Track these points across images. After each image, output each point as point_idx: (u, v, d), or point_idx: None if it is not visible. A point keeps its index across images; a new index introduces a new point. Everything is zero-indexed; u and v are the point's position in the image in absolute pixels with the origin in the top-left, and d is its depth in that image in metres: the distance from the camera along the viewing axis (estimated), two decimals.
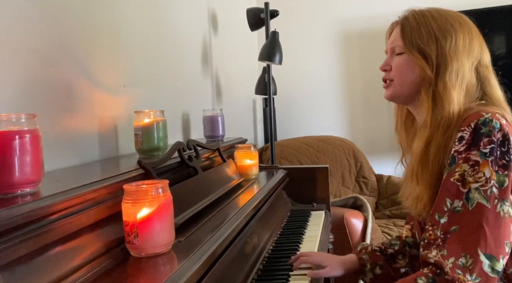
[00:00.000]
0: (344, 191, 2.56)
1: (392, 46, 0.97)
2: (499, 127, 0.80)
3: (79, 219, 0.72)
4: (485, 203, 0.76)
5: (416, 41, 0.91)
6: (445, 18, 0.92)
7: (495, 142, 0.79)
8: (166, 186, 0.78)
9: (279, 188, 1.56)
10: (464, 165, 0.79)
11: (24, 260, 0.60)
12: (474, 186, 0.77)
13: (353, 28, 2.97)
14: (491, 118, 0.81)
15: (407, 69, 0.93)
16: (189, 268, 0.70)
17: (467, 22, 0.94)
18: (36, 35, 1.00)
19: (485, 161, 0.78)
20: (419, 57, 0.90)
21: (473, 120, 0.82)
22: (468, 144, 0.81)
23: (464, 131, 0.82)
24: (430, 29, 0.91)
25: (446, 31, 0.90)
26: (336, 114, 3.04)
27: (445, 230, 0.77)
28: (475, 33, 0.93)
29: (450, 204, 0.78)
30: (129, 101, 1.36)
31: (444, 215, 0.78)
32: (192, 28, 1.93)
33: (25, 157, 0.68)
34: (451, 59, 0.89)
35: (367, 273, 1.06)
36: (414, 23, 0.92)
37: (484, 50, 0.94)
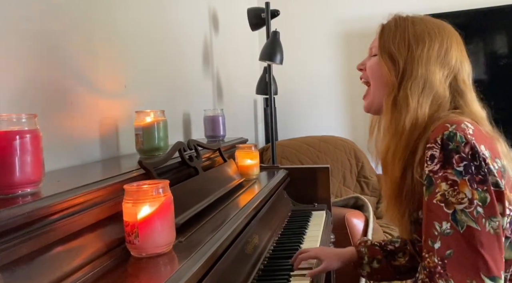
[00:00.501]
0: (345, 191, 2.56)
1: (370, 48, 0.97)
2: (464, 140, 0.77)
3: (80, 219, 0.72)
4: (474, 225, 0.74)
5: (388, 44, 0.89)
6: (424, 25, 0.89)
7: (466, 158, 0.76)
8: (167, 186, 0.78)
9: (280, 188, 1.56)
10: (443, 184, 0.77)
11: (25, 260, 0.60)
12: (458, 207, 0.75)
13: (354, 28, 2.96)
14: (455, 132, 0.77)
15: (377, 71, 0.92)
16: (190, 268, 0.70)
17: (450, 33, 0.91)
18: (37, 35, 1.00)
19: (463, 180, 0.75)
20: (388, 61, 0.89)
21: (438, 135, 0.79)
22: (441, 162, 0.78)
23: (433, 149, 0.79)
24: (406, 33, 0.88)
25: (421, 38, 0.88)
26: (337, 114, 3.04)
27: (441, 256, 0.76)
28: (456, 46, 0.90)
29: (439, 227, 0.76)
30: (130, 101, 1.36)
31: (436, 239, 0.77)
32: (193, 28, 1.93)
33: (26, 157, 0.68)
34: (417, 66, 0.86)
35: (365, 266, 1.06)
36: (393, 26, 0.91)
37: (463, 64, 0.90)
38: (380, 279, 1.08)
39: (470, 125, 0.80)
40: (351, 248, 1.10)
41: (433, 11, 2.67)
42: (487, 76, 2.70)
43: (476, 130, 0.80)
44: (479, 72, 2.72)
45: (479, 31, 2.69)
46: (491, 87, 2.68)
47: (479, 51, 2.73)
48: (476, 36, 2.71)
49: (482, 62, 2.72)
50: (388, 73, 0.88)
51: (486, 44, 2.73)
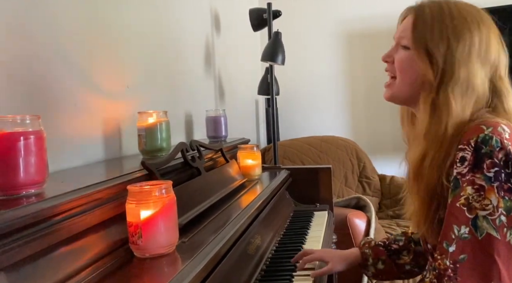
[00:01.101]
0: (347, 191, 2.56)
1: (399, 37, 0.88)
2: (499, 146, 0.73)
3: (83, 220, 0.73)
4: (494, 233, 0.72)
5: (425, 39, 0.82)
6: (463, 18, 0.82)
7: (498, 164, 0.73)
8: (170, 186, 0.78)
9: (282, 188, 1.56)
10: (469, 188, 0.74)
11: (29, 261, 0.60)
12: (481, 213, 0.73)
13: (355, 28, 2.96)
14: (491, 135, 0.74)
15: (410, 67, 0.85)
16: (193, 269, 0.70)
17: (488, 23, 0.84)
18: (40, 36, 1.00)
19: (491, 187, 0.72)
20: (425, 58, 0.82)
21: (472, 137, 0.75)
22: (470, 165, 0.74)
23: (465, 151, 0.75)
24: (444, 28, 0.81)
25: (461, 34, 0.81)
26: (339, 115, 3.04)
27: (454, 259, 0.74)
28: (495, 37, 0.84)
29: (458, 230, 0.74)
30: (133, 102, 1.36)
31: (452, 243, 0.74)
32: (195, 28, 1.94)
33: (30, 157, 0.68)
34: (459, 66, 0.80)
35: (369, 267, 1.06)
36: (429, 17, 0.83)
37: (501, 58, 0.84)
38: (385, 279, 1.08)
39: (507, 128, 0.76)
40: (355, 250, 1.09)
41: None
42: None
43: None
44: None
45: None
46: None
47: None
48: None
49: None
50: (426, 71, 0.82)
51: None
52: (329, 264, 1.04)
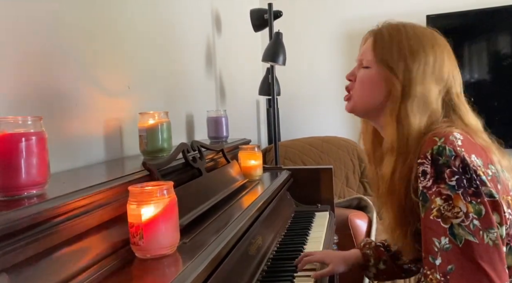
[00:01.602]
0: (348, 192, 2.56)
1: (361, 58, 0.94)
2: (454, 154, 0.76)
3: (85, 221, 0.73)
4: (472, 239, 0.74)
5: (386, 57, 0.88)
6: (419, 39, 0.88)
7: (457, 171, 0.75)
8: (171, 187, 0.78)
9: (283, 189, 1.56)
10: (438, 200, 0.76)
11: (31, 262, 0.61)
12: (455, 221, 0.75)
13: (356, 29, 2.96)
14: (443, 146, 0.77)
15: (370, 84, 0.90)
16: (194, 270, 0.70)
17: (442, 45, 0.90)
18: (41, 37, 1.01)
19: (456, 195, 0.75)
20: (388, 74, 0.87)
21: (428, 150, 0.78)
22: (433, 177, 0.77)
23: (424, 164, 0.78)
24: (402, 47, 0.87)
25: (417, 54, 0.86)
26: (340, 115, 3.04)
27: (443, 272, 0.75)
28: (448, 58, 0.89)
29: (438, 243, 0.76)
30: (134, 103, 1.36)
31: (437, 256, 0.76)
32: (196, 29, 1.94)
33: (31, 159, 0.68)
34: (416, 83, 0.85)
35: (371, 268, 1.06)
36: (387, 38, 0.89)
37: (455, 77, 0.89)
38: (386, 279, 1.09)
39: (459, 135, 0.79)
40: (356, 251, 1.09)
41: (436, 12, 2.67)
42: (490, 76, 2.70)
43: (465, 140, 0.79)
44: (482, 72, 2.72)
45: (482, 31, 2.68)
46: (494, 87, 2.67)
47: (482, 51, 2.73)
48: (479, 36, 2.71)
49: (486, 62, 2.71)
50: (392, 86, 0.86)
51: (490, 44, 2.73)
52: (330, 265, 1.04)
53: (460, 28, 2.71)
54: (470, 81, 2.63)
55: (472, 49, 2.74)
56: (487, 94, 2.64)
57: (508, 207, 0.78)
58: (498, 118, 2.56)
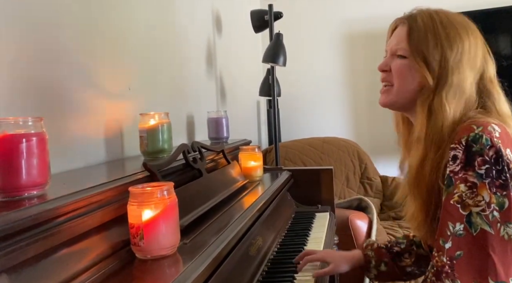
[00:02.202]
0: (348, 193, 2.56)
1: (395, 48, 0.92)
2: (490, 143, 0.76)
3: (85, 221, 0.73)
4: (488, 229, 0.74)
5: (421, 48, 0.86)
6: (454, 26, 0.87)
7: (488, 161, 0.75)
8: (171, 188, 0.78)
9: (284, 189, 1.56)
10: (462, 186, 0.77)
11: (31, 262, 0.61)
12: (475, 210, 0.75)
13: (357, 29, 2.96)
14: (481, 134, 0.77)
15: (409, 75, 0.89)
16: (195, 271, 0.70)
17: (474, 30, 0.89)
18: (42, 38, 1.01)
19: (483, 184, 0.75)
20: (422, 64, 0.86)
21: (463, 136, 0.78)
22: (462, 163, 0.77)
23: (457, 149, 0.78)
24: (438, 36, 0.86)
25: (453, 41, 0.85)
26: (340, 116, 3.04)
27: (450, 256, 0.76)
28: (481, 43, 0.89)
29: (453, 227, 0.76)
30: (135, 104, 1.37)
31: (448, 240, 0.77)
32: (197, 30, 1.94)
33: (32, 159, 0.68)
34: (452, 72, 0.84)
35: (372, 269, 1.06)
36: (422, 27, 0.87)
37: (488, 62, 0.89)
38: (387, 281, 1.08)
39: (497, 127, 0.79)
40: (358, 251, 1.09)
41: None
42: None
43: (503, 133, 0.79)
44: None
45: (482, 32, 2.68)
46: None
47: None
48: None
49: None
50: (425, 78, 0.86)
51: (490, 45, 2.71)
52: (331, 264, 1.04)
53: None
54: None
55: None
56: None
57: None
58: None
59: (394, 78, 0.92)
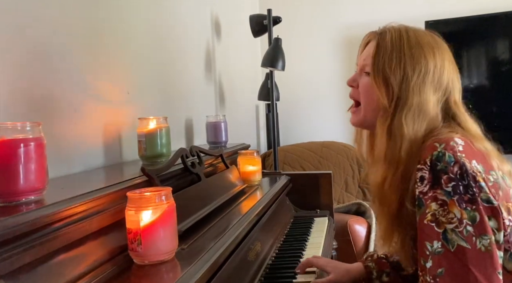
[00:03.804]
0: (347, 197, 2.55)
1: (362, 64, 0.92)
2: (453, 160, 0.76)
3: (83, 227, 0.73)
4: (464, 244, 0.74)
5: (383, 66, 0.85)
6: (420, 47, 0.85)
7: (454, 178, 0.75)
8: (169, 193, 0.78)
9: (282, 194, 1.56)
10: (433, 204, 0.77)
11: (29, 268, 0.60)
12: (449, 226, 0.75)
13: (355, 34, 2.96)
14: (443, 152, 0.77)
15: (371, 93, 0.88)
16: (193, 276, 0.70)
17: (444, 50, 0.88)
18: (41, 43, 1.01)
19: (452, 201, 0.75)
20: (381, 84, 0.85)
21: (427, 156, 0.78)
22: (430, 182, 0.77)
23: (423, 170, 0.78)
24: (402, 56, 0.84)
25: (417, 62, 0.84)
26: (339, 120, 3.04)
27: (432, 275, 0.76)
28: (449, 64, 0.87)
29: (430, 246, 0.76)
30: (133, 108, 1.37)
31: (427, 259, 0.77)
32: (196, 34, 1.94)
33: (30, 164, 0.68)
34: (413, 93, 0.83)
35: (374, 281, 1.05)
36: (389, 45, 0.86)
37: (455, 83, 0.88)
38: None
39: (460, 141, 0.79)
40: (359, 264, 1.08)
41: (435, 18, 2.68)
42: (488, 82, 2.70)
43: (466, 146, 0.79)
44: (480, 78, 2.73)
45: (481, 37, 2.70)
46: (493, 93, 2.68)
47: (480, 57, 2.74)
48: (478, 42, 2.72)
49: (484, 68, 2.72)
50: (381, 98, 0.85)
51: (488, 50, 2.74)
52: (332, 274, 1.03)
53: (459, 34, 2.73)
54: (469, 87, 2.64)
55: (470, 55, 2.75)
56: (486, 100, 2.65)
57: (508, 214, 0.78)
58: (497, 124, 2.56)
59: (360, 95, 0.93)
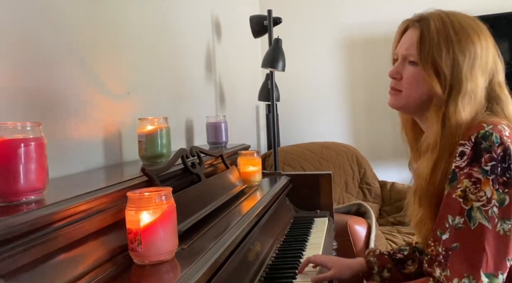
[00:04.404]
0: (347, 198, 2.55)
1: (406, 54, 0.89)
2: (499, 141, 0.77)
3: (83, 227, 0.73)
4: (486, 223, 0.75)
5: (432, 55, 0.84)
6: (465, 30, 0.85)
7: (496, 158, 0.76)
8: (170, 193, 0.78)
9: (282, 194, 1.56)
10: (466, 181, 0.77)
11: (29, 268, 0.60)
12: (476, 204, 0.76)
13: (356, 35, 2.97)
14: (491, 132, 0.77)
15: (419, 83, 0.87)
16: (192, 276, 0.70)
17: (486, 33, 0.88)
18: (41, 44, 1.01)
19: (486, 179, 0.76)
20: (432, 74, 0.84)
21: (473, 133, 0.79)
22: (469, 159, 0.78)
23: (465, 145, 0.79)
24: (450, 42, 0.84)
25: (465, 46, 0.84)
26: (339, 121, 3.04)
27: (446, 247, 0.77)
28: (491, 46, 0.88)
29: (452, 220, 0.78)
30: (133, 108, 1.37)
31: (445, 231, 0.78)
32: (196, 35, 1.94)
33: (30, 164, 0.68)
34: (466, 80, 0.83)
35: (375, 276, 1.05)
36: (435, 33, 0.85)
37: (498, 65, 0.88)
38: None
39: (507, 128, 0.80)
40: (360, 259, 1.08)
41: None
42: None
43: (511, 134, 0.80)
44: None
45: None
46: None
47: None
48: None
49: None
50: (434, 86, 0.84)
51: None
52: (332, 270, 1.03)
53: None
54: None
55: None
56: None
57: None
58: None
59: (405, 86, 0.90)
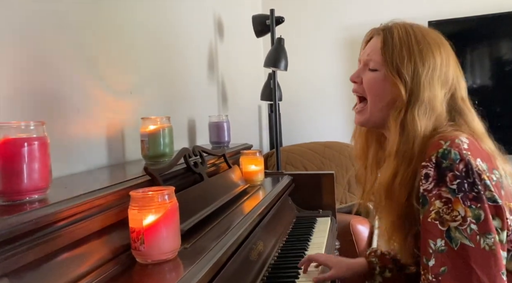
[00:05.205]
0: (350, 197, 2.55)
1: (367, 59, 0.92)
2: (458, 158, 0.76)
3: (86, 226, 0.73)
4: (468, 243, 0.74)
5: (395, 61, 0.85)
6: (427, 43, 0.86)
7: (459, 175, 0.75)
8: (172, 192, 0.78)
9: (285, 194, 1.56)
10: (437, 202, 0.76)
11: (32, 267, 0.61)
12: (452, 224, 0.75)
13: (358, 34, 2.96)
14: (449, 149, 0.76)
15: (381, 88, 0.88)
16: (195, 275, 0.70)
17: (447, 48, 0.89)
18: (44, 44, 1.01)
19: (456, 199, 0.75)
20: (395, 78, 0.85)
21: (433, 153, 0.78)
22: (434, 180, 0.77)
23: (427, 167, 0.78)
24: (412, 51, 0.85)
25: (426, 58, 0.85)
26: (342, 120, 3.04)
27: (435, 273, 0.75)
28: (453, 62, 0.89)
29: (434, 244, 0.76)
30: (136, 108, 1.37)
31: (430, 257, 0.76)
32: (198, 34, 1.95)
33: (34, 164, 0.69)
34: (424, 88, 0.84)
35: (376, 276, 1.05)
36: (397, 40, 0.86)
37: (460, 81, 0.89)
38: None
39: (465, 139, 0.79)
40: (362, 259, 1.08)
41: (438, 18, 2.67)
42: (492, 82, 2.70)
43: (471, 144, 0.79)
44: (484, 78, 2.72)
45: (484, 37, 2.69)
46: (496, 93, 2.67)
47: (484, 57, 2.73)
48: (481, 42, 2.71)
49: (488, 68, 2.71)
50: (398, 91, 0.85)
51: (492, 50, 2.73)
52: (333, 270, 1.04)
53: (462, 34, 2.72)
54: (472, 87, 2.63)
55: (474, 55, 2.75)
56: (489, 100, 2.64)
57: (510, 213, 0.78)
58: (500, 124, 2.55)
59: (366, 92, 0.92)
